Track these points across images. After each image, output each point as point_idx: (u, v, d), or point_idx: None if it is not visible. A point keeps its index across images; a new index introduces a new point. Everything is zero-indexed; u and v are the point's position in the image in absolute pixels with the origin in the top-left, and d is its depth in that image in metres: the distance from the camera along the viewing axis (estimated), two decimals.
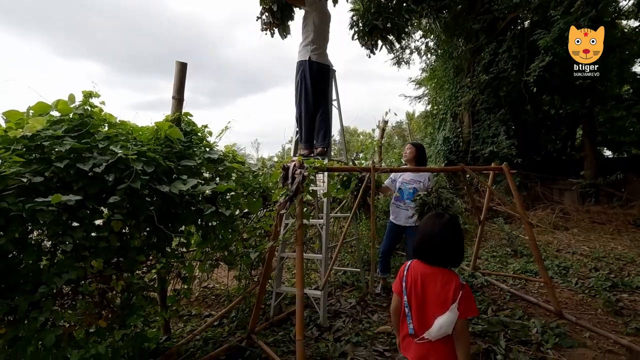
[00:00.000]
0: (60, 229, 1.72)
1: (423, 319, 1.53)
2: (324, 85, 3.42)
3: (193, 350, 2.52)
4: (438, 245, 1.57)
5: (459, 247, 1.60)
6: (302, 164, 2.30)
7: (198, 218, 2.35)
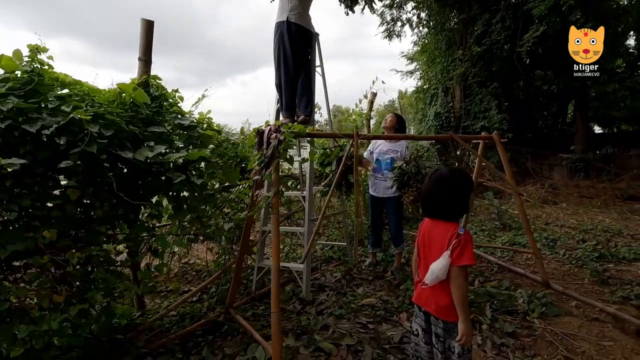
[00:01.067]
0: (5, 196, 1.55)
1: (427, 267, 1.59)
2: (305, 49, 3.20)
3: (169, 325, 2.42)
4: (431, 200, 1.63)
5: (453, 200, 1.58)
6: (278, 127, 2.13)
7: (168, 188, 2.19)
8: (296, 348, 2.17)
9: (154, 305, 2.71)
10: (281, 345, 1.84)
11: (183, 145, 2.50)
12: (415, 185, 3.36)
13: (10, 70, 1.82)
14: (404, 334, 2.37)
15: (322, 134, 2.73)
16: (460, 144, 3.14)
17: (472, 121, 8.98)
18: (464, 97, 9.17)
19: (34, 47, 1.85)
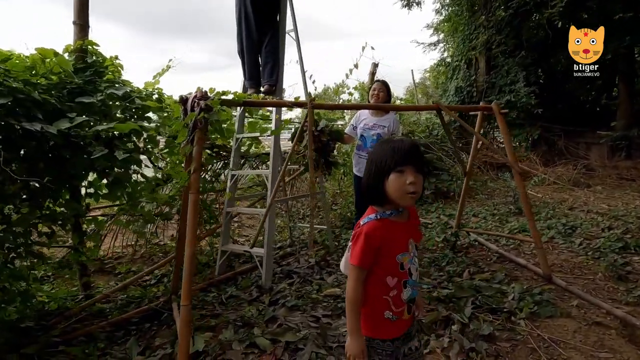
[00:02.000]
0: None
1: None
2: (271, 10, 2.84)
3: (108, 310, 2.28)
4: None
5: (366, 181, 1.18)
6: (204, 94, 1.84)
7: (90, 164, 1.98)
8: (229, 342, 1.95)
9: (106, 288, 2.58)
10: (188, 344, 1.61)
11: (124, 117, 2.29)
12: None
13: None
14: None
15: (264, 102, 2.40)
16: (449, 114, 2.70)
17: (496, 95, 8.18)
18: (489, 69, 8.35)
19: None
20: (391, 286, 1.09)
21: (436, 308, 2.39)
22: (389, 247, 1.08)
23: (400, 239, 1.11)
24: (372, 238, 1.05)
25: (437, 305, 2.42)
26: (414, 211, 1.25)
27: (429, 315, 2.29)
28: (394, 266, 1.09)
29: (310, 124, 2.15)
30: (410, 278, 1.13)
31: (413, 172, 1.04)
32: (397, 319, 1.11)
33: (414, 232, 1.19)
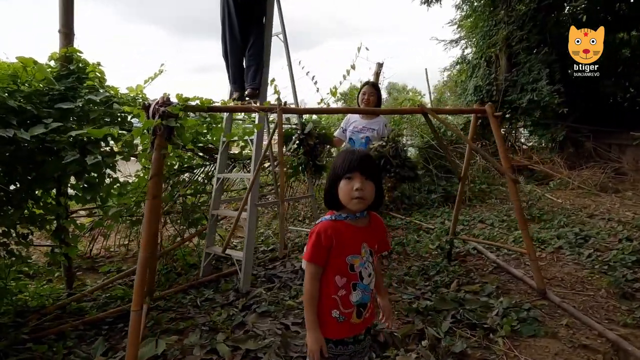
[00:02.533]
0: None
1: None
2: (255, 13, 2.83)
3: (88, 309, 2.36)
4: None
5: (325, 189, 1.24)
6: (166, 100, 1.85)
7: (62, 168, 2.05)
8: (192, 347, 1.96)
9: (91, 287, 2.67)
10: (136, 350, 1.63)
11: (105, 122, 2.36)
12: (393, 170, 2.90)
13: None
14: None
15: (230, 107, 2.38)
16: (435, 117, 2.57)
17: (518, 94, 7.80)
18: (510, 66, 7.96)
19: None
20: (340, 286, 1.12)
21: (413, 320, 2.29)
22: (340, 247, 1.11)
23: (353, 241, 1.14)
24: (322, 236, 1.11)
25: (415, 317, 2.33)
26: (379, 222, 1.27)
27: (403, 327, 2.20)
28: (343, 266, 1.12)
29: (280, 129, 2.11)
30: (361, 282, 1.15)
31: (361, 179, 1.09)
32: (344, 319, 1.13)
33: (371, 238, 1.20)
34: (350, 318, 1.15)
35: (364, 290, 1.16)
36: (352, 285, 1.14)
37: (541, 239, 3.79)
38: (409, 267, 3.14)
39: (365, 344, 1.25)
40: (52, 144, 2.03)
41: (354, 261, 1.14)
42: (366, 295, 1.18)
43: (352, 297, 1.14)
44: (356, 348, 1.20)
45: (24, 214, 2.11)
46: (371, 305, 1.22)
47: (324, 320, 1.14)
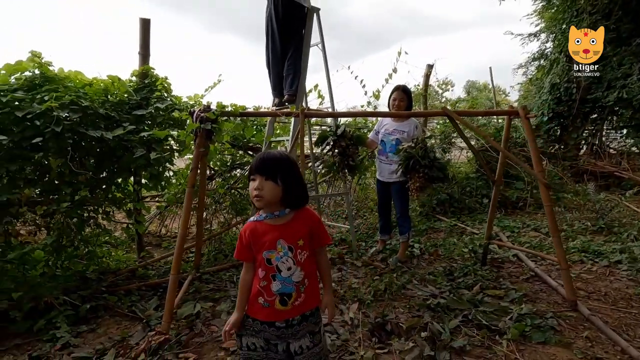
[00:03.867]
0: None
1: None
2: (295, 26, 3.15)
3: (150, 274, 2.93)
4: None
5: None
6: (207, 107, 2.27)
7: (134, 162, 2.61)
8: (220, 312, 2.36)
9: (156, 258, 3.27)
10: (172, 304, 2.06)
11: (167, 125, 2.91)
12: (422, 170, 2.99)
13: (22, 71, 2.49)
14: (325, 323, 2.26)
15: (260, 113, 2.71)
16: (459, 121, 2.60)
17: (603, 92, 6.93)
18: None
19: (36, 54, 2.48)
20: (261, 277, 1.29)
21: (422, 315, 2.39)
22: (257, 245, 1.28)
23: (269, 238, 1.28)
24: (243, 237, 1.30)
25: (425, 312, 2.42)
26: (307, 218, 1.35)
27: (411, 320, 2.31)
28: (262, 261, 1.28)
29: (301, 132, 2.40)
30: (279, 274, 1.29)
31: (260, 179, 1.23)
32: (268, 305, 1.29)
33: (289, 235, 1.29)
34: (273, 305, 1.28)
35: (284, 282, 1.28)
36: (272, 277, 1.28)
37: (599, 251, 3.46)
38: (436, 267, 3.17)
39: (299, 328, 1.33)
40: (127, 143, 2.60)
41: (269, 256, 1.27)
42: (287, 286, 1.28)
43: (272, 287, 1.28)
44: (288, 331, 1.31)
45: (108, 196, 2.73)
46: (301, 294, 1.31)
47: (252, 304, 1.31)
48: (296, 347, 1.33)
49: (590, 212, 4.90)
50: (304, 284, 1.32)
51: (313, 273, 1.38)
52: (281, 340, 1.32)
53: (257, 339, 1.32)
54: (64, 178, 2.40)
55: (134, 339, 2.05)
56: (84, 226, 2.59)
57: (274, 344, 1.32)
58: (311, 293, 1.35)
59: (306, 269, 1.32)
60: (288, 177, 1.27)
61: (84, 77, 2.73)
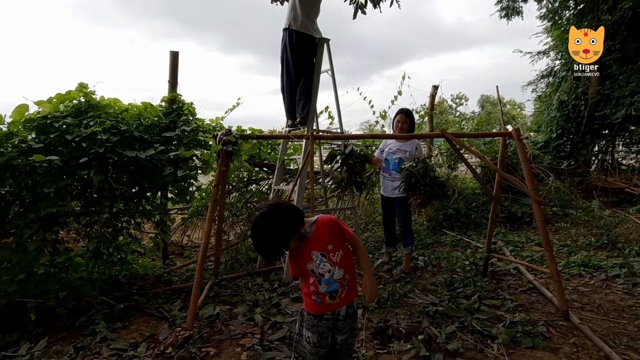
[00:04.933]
0: (49, 178, 2.55)
1: None
2: (306, 56, 3.48)
3: (176, 280, 3.22)
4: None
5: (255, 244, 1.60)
6: (228, 131, 2.59)
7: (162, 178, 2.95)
8: (237, 314, 2.62)
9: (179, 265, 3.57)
10: (196, 304, 2.33)
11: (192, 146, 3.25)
12: (422, 188, 3.23)
13: (72, 98, 2.88)
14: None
15: (271, 135, 3.01)
16: (455, 141, 2.84)
17: (611, 109, 7.04)
18: (602, 78, 7.25)
19: (83, 85, 2.87)
20: (311, 282, 1.56)
21: (421, 321, 2.59)
22: (300, 261, 1.57)
23: (305, 253, 1.55)
24: (290, 259, 1.60)
25: (424, 319, 2.61)
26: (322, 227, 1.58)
27: (411, 326, 2.52)
28: (308, 271, 1.56)
29: (311, 154, 2.69)
30: (323, 277, 1.55)
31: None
32: (320, 301, 1.56)
33: (317, 244, 1.56)
34: (324, 301, 1.55)
35: (328, 283, 1.53)
36: (318, 282, 1.53)
37: (599, 265, 3.58)
38: (438, 278, 3.36)
39: (344, 325, 1.61)
40: (157, 161, 2.94)
41: (311, 266, 1.53)
42: (332, 285, 1.54)
43: (320, 289, 1.54)
44: (335, 323, 1.59)
45: (139, 209, 3.06)
46: (345, 288, 1.57)
47: (308, 301, 1.58)
48: (339, 340, 1.62)
49: (596, 228, 4.99)
50: (345, 279, 1.58)
51: (352, 269, 1.63)
52: (331, 333, 1.61)
53: (312, 334, 1.59)
54: (103, 192, 2.74)
55: (162, 334, 2.33)
56: (118, 235, 2.93)
57: (325, 337, 1.60)
58: (351, 286, 1.62)
59: (345, 266, 1.57)
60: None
61: (122, 103, 3.11)
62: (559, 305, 2.64)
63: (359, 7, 4.09)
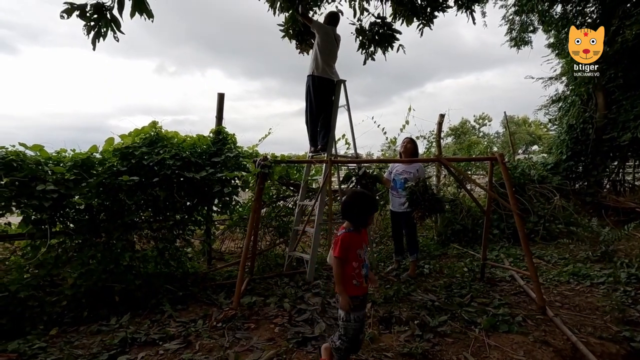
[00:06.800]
0: (129, 194, 3.36)
1: None
2: (326, 96, 4.24)
3: (218, 278, 3.93)
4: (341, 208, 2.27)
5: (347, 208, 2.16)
6: (265, 157, 3.34)
7: (211, 194, 3.71)
8: (269, 303, 3.27)
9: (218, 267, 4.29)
10: (240, 289, 3.01)
11: (234, 168, 4.03)
12: (423, 203, 3.84)
13: (146, 133, 3.74)
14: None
15: (297, 160, 3.73)
16: (446, 166, 3.46)
17: (618, 132, 7.40)
18: (608, 103, 7.65)
19: (154, 123, 3.73)
20: (355, 267, 2.14)
21: (420, 312, 3.14)
22: (354, 247, 2.13)
23: (358, 242, 2.15)
24: (344, 242, 2.12)
25: (422, 310, 3.17)
26: (365, 232, 2.28)
27: (410, 314, 3.08)
28: (356, 256, 2.13)
29: (329, 176, 3.38)
30: (365, 262, 2.17)
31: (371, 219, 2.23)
32: (359, 284, 2.15)
33: (364, 239, 2.20)
34: (362, 283, 2.15)
35: (366, 268, 2.15)
36: (361, 265, 2.10)
37: (587, 274, 4.00)
38: (439, 282, 3.90)
39: (365, 301, 2.23)
40: (208, 181, 3.72)
41: (360, 252, 2.08)
42: (367, 270, 2.15)
43: (362, 272, 2.10)
44: (364, 299, 2.21)
45: (192, 219, 3.83)
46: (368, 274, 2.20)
47: (349, 286, 2.13)
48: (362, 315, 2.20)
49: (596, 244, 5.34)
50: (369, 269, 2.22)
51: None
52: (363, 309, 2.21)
53: (359, 312, 2.15)
54: (167, 205, 3.53)
55: (214, 314, 3.01)
56: (175, 240, 3.69)
57: (364, 311, 2.20)
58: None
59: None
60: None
61: (180, 135, 3.95)
62: (537, 301, 3.13)
63: (369, 55, 4.86)
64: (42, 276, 3.04)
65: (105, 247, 3.22)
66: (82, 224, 3.21)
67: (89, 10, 2.66)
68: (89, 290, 3.04)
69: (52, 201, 2.95)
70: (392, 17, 5.16)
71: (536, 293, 3.14)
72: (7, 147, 3.04)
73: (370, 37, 5.00)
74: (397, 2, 5.00)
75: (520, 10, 9.61)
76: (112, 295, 3.12)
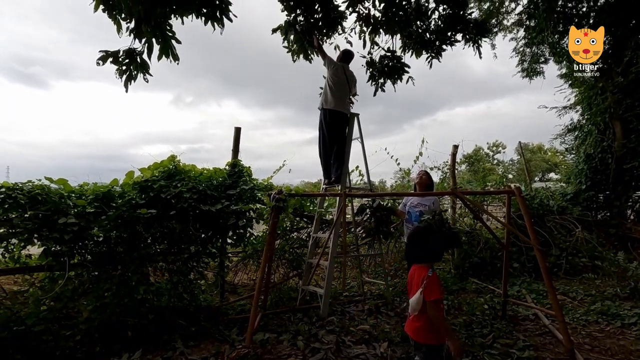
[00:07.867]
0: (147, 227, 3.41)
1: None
2: (339, 128, 4.31)
3: (231, 312, 3.87)
4: (410, 250, 2.30)
5: (418, 249, 2.19)
6: (280, 191, 3.37)
7: (225, 227, 3.73)
8: (282, 340, 3.19)
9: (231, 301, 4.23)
10: (253, 327, 2.95)
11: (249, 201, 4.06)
12: None
13: (165, 166, 3.84)
14: (361, 353, 2.98)
15: (311, 194, 3.74)
16: (462, 200, 3.41)
17: (638, 161, 7.23)
18: (626, 132, 7.53)
19: (172, 156, 3.84)
20: (444, 309, 2.14)
21: None
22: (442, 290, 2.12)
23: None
24: (440, 282, 2.10)
25: None
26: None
27: None
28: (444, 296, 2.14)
29: (343, 209, 3.38)
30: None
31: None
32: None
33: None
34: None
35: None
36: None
37: (617, 313, 3.78)
38: (458, 320, 3.74)
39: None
40: (223, 214, 3.75)
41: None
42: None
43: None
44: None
45: (206, 251, 3.84)
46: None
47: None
48: None
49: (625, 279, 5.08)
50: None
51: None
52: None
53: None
54: (183, 238, 3.56)
55: (226, 352, 2.94)
56: (189, 272, 3.69)
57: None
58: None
59: None
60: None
61: (197, 168, 4.04)
62: (564, 343, 2.95)
63: (379, 86, 4.97)
64: (58, 309, 3.05)
65: (121, 279, 3.24)
66: (100, 256, 3.25)
67: (121, 56, 2.84)
68: (102, 324, 3.03)
69: (72, 234, 3.01)
70: (402, 50, 5.32)
71: (563, 334, 2.97)
72: (33, 181, 3.16)
73: (380, 69, 5.15)
74: (407, 35, 5.18)
75: (530, 42, 9.76)
76: (124, 329, 3.10)
